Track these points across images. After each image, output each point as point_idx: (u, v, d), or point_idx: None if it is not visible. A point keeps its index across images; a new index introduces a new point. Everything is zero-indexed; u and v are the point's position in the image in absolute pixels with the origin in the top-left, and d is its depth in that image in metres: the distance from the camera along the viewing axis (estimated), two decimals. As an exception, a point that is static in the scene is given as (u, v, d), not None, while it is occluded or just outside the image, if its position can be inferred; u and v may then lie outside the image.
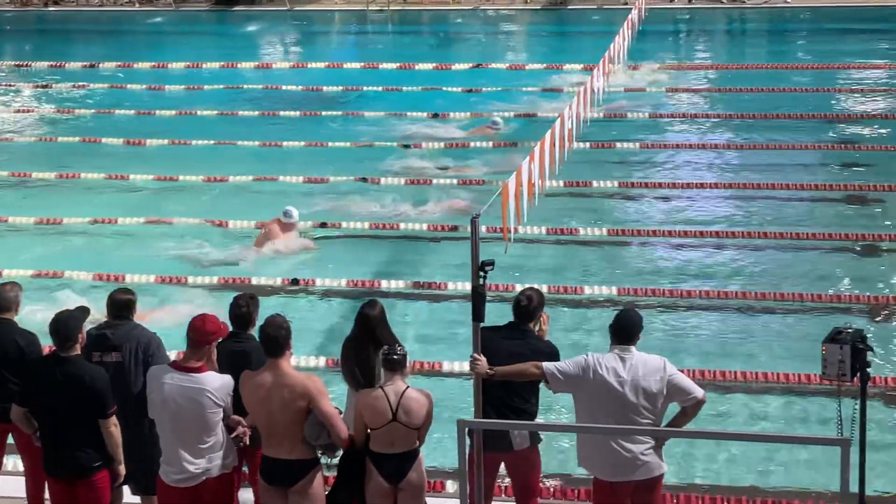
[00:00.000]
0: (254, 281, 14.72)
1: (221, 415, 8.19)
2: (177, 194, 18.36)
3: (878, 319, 13.44)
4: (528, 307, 8.75)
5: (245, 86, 24.83)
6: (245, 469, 8.96)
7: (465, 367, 8.79)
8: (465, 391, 9.02)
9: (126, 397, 8.55)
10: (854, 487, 7.88)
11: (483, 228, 8.30)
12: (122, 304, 8.91)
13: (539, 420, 9.15)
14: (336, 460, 8.52)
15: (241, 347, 8.65)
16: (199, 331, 8.17)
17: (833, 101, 22.08)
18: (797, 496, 10.13)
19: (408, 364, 8.55)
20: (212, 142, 20.84)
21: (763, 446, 10.89)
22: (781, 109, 21.47)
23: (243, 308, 8.81)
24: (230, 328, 8.69)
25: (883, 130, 20.22)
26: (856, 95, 22.42)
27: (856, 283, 14.46)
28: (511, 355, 8.46)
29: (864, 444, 8.13)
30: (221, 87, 24.69)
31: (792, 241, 15.67)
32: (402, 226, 16.60)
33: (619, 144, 19.75)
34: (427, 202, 17.42)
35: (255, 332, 8.68)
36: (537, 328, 8.84)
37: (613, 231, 16.16)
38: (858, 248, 15.52)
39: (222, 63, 26.46)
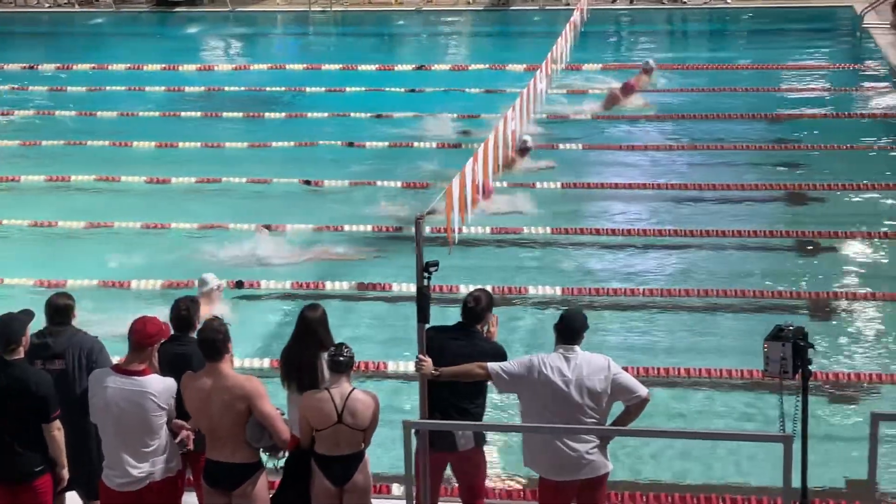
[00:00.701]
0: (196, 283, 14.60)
1: (165, 418, 8.14)
2: (118, 196, 18.20)
3: (818, 316, 13.58)
4: (475, 308, 8.76)
5: (187, 87, 24.67)
6: (189, 473, 8.89)
7: (411, 368, 8.79)
8: (410, 392, 9.00)
9: (70, 403, 8.47)
10: (797, 483, 7.96)
11: (427, 229, 8.30)
12: (61, 309, 8.82)
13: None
14: (281, 462, 8.48)
15: (182, 350, 8.59)
16: (140, 333, 8.12)
17: (774, 101, 22.26)
18: (741, 492, 10.21)
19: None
20: (153, 143, 20.69)
21: (707, 443, 10.96)
22: (723, 109, 21.66)
23: (184, 311, 8.76)
24: (171, 330, 8.63)
25: (822, 129, 20.42)
26: (796, 95, 22.64)
27: (797, 281, 14.61)
28: (457, 356, 8.46)
29: (806, 439, 8.21)
30: (163, 88, 24.51)
31: (734, 239, 15.80)
32: (347, 227, 16.56)
33: (561, 145, 19.81)
34: (372, 203, 17.42)
35: (196, 334, 8.64)
36: (486, 329, 8.85)
37: (557, 230, 16.21)
38: (798, 246, 15.69)
39: (164, 65, 26.26)
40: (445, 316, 9.01)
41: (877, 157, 19.06)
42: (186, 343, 8.68)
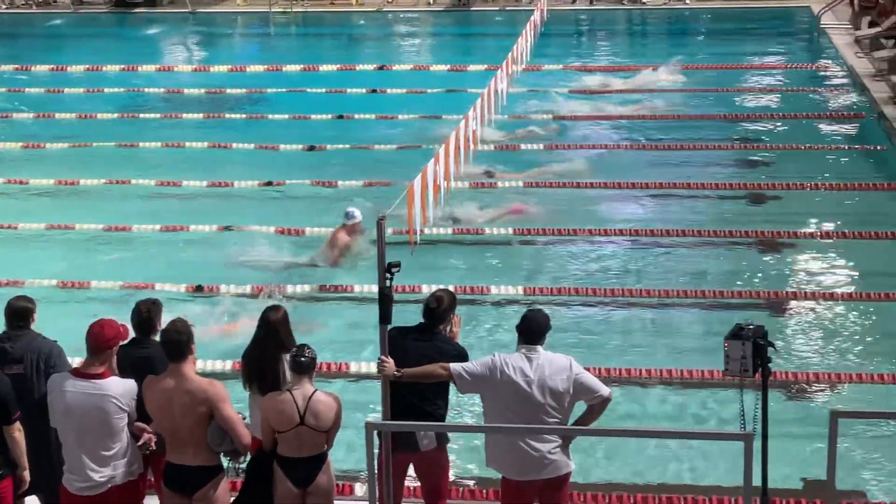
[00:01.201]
0: (157, 286, 14.54)
1: (126, 420, 8.10)
2: (78, 198, 18.09)
3: (777, 315, 13.66)
4: (437, 309, 8.76)
5: (146, 89, 24.54)
6: (150, 475, 8.85)
7: (373, 368, 8.78)
8: (373, 393, 9.00)
9: (29, 408, 8.41)
10: (757, 481, 8.01)
11: (389, 230, 8.30)
12: (20, 313, 8.76)
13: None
14: (243, 466, 8.46)
15: (144, 353, 8.55)
16: (98, 336, 8.07)
17: (733, 101, 22.39)
18: (702, 491, 10.26)
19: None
20: (113, 144, 20.56)
21: (669, 442, 11.01)
22: (682, 109, 21.78)
23: (144, 314, 8.72)
24: (131, 333, 8.59)
25: (781, 129, 20.56)
26: (754, 95, 22.78)
27: (756, 280, 14.70)
28: (419, 357, 8.47)
29: (767, 438, 8.26)
30: (122, 90, 24.37)
31: (694, 238, 15.88)
32: (308, 230, 16.52)
33: (523, 145, 19.85)
34: (334, 204, 17.41)
35: (158, 337, 8.60)
36: (448, 329, 8.86)
37: (519, 231, 16.25)
38: (758, 246, 15.79)
39: (123, 66, 26.11)
40: (407, 317, 8.98)
41: (834, 156, 19.20)
42: (148, 346, 8.64)
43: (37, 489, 8.68)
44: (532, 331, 8.39)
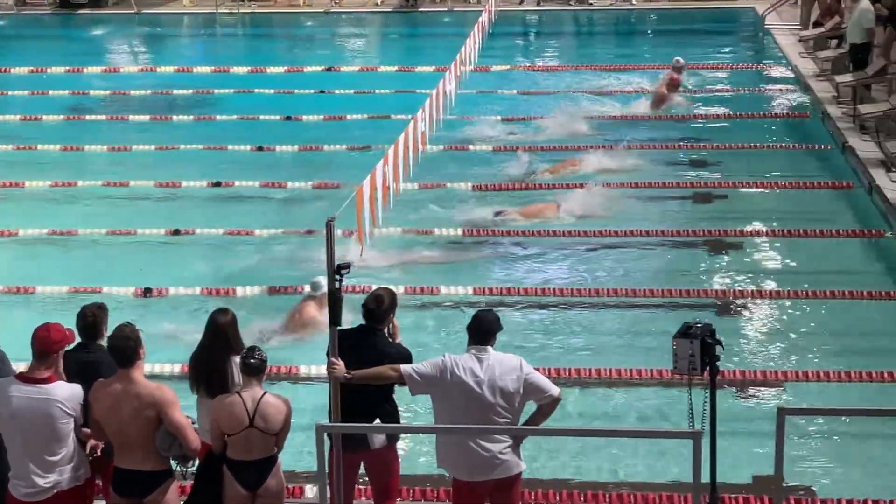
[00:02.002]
0: (105, 290, 14.42)
1: (72, 425, 8.03)
2: (23, 201, 17.91)
3: (725, 314, 13.76)
4: (377, 310, 8.75)
5: (92, 90, 24.34)
6: (99, 480, 8.78)
7: (323, 371, 8.76)
8: (323, 396, 8.98)
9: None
10: (706, 478, 8.08)
11: (339, 231, 8.28)
12: None
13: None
14: (192, 470, 8.41)
15: (90, 358, 8.48)
16: (44, 340, 8.00)
17: (675, 102, 22.52)
18: (652, 489, 10.32)
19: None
20: (58, 147, 20.37)
21: (619, 441, 11.06)
22: (629, 109, 21.90)
23: (90, 318, 8.64)
24: (77, 337, 8.52)
25: (726, 129, 20.72)
26: (700, 95, 22.93)
27: (704, 279, 14.81)
28: (361, 359, 8.44)
29: (715, 435, 8.33)
30: (67, 92, 24.15)
31: (641, 238, 15.97)
32: (257, 231, 16.46)
33: (472, 147, 19.89)
34: (284, 205, 17.38)
35: (104, 341, 8.54)
36: (388, 328, 8.85)
37: (468, 231, 16.27)
38: (704, 245, 15.89)
39: (68, 67, 25.86)
40: (360, 318, 8.97)
41: (779, 156, 19.37)
42: (94, 351, 8.57)
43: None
44: (482, 331, 8.40)
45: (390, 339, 8.83)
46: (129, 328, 8.11)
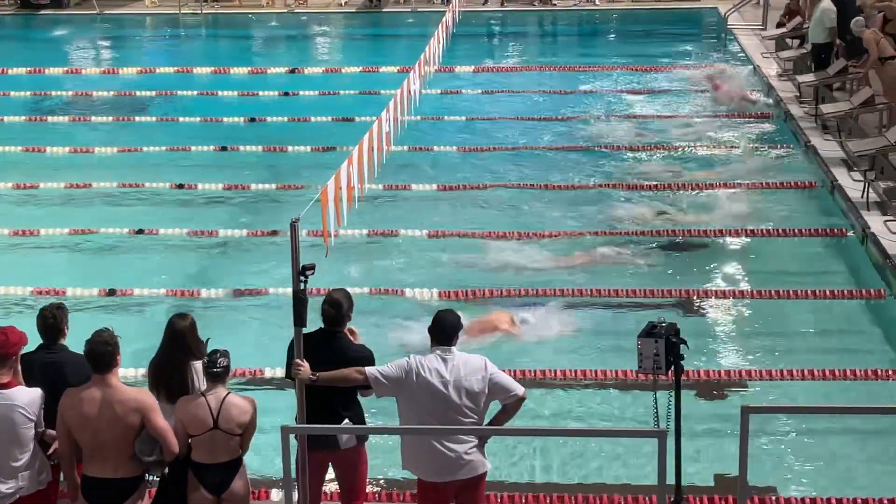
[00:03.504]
0: (69, 292, 14.34)
1: (34, 430, 7.97)
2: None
3: (689, 314, 13.81)
4: (336, 315, 8.73)
5: (54, 92, 24.18)
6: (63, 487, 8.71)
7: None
8: (288, 397, 8.95)
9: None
10: (671, 478, 8.11)
11: (303, 232, 8.26)
12: None
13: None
14: (157, 475, 8.37)
15: (52, 359, 8.42)
16: (3, 344, 7.92)
17: (641, 102, 22.59)
18: (618, 489, 10.35)
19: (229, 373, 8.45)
20: (20, 148, 20.23)
21: (583, 441, 11.09)
22: (594, 110, 21.97)
23: (51, 319, 8.58)
24: (41, 340, 8.45)
25: (689, 129, 20.79)
26: (662, 96, 23.01)
27: (667, 279, 14.86)
28: (325, 362, 8.42)
29: (680, 435, 8.36)
30: (29, 93, 23.99)
31: (605, 238, 15.98)
32: (221, 232, 16.40)
33: (436, 147, 19.89)
34: (247, 207, 17.32)
35: (65, 341, 8.49)
36: (347, 328, 8.84)
37: (433, 233, 16.26)
38: (669, 245, 15.93)
39: (29, 68, 25.68)
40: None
41: (742, 156, 19.46)
42: (56, 351, 8.51)
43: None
44: (445, 331, 8.40)
45: (352, 340, 8.82)
46: (108, 333, 8.05)
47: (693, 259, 15.55)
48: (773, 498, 10.18)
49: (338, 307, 8.72)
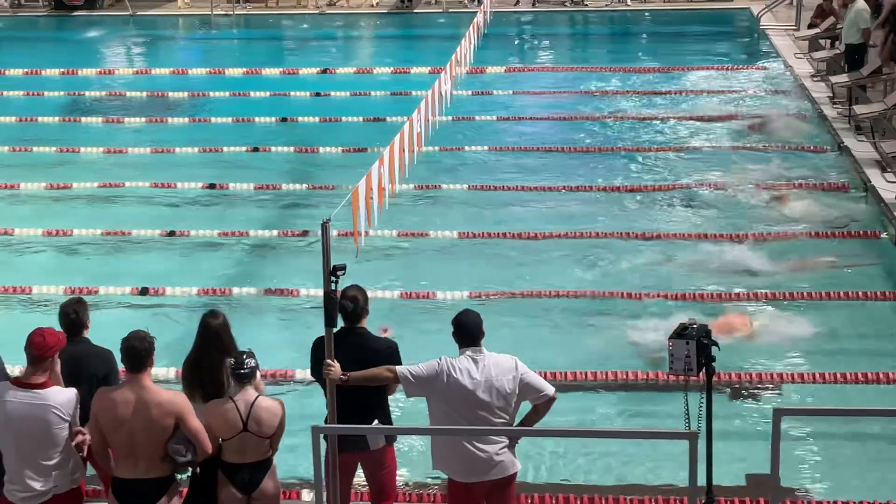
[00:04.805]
0: (101, 291, 14.43)
1: (68, 430, 8.01)
2: (19, 202, 17.90)
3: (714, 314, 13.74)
4: (354, 310, 8.72)
5: (87, 92, 24.33)
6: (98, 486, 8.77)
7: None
8: (318, 398, 8.97)
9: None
10: (702, 480, 8.08)
11: (334, 233, 8.28)
12: None
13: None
14: (187, 475, 8.40)
15: (74, 351, 8.48)
16: (40, 346, 7.96)
17: (673, 103, 22.51)
18: (649, 491, 10.32)
19: (258, 374, 8.47)
20: (54, 149, 20.37)
21: (615, 443, 11.06)
22: (625, 111, 21.91)
23: (72, 315, 8.69)
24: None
25: (721, 130, 20.71)
26: (694, 97, 22.92)
27: (699, 280, 14.79)
28: (352, 359, 8.42)
29: (711, 437, 8.33)
30: (63, 93, 24.14)
31: (639, 241, 15.93)
32: (253, 233, 16.46)
33: (467, 148, 19.89)
34: (278, 207, 17.37)
35: (87, 334, 8.65)
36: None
37: (464, 234, 16.26)
38: (701, 246, 15.85)
39: (63, 69, 25.85)
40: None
41: (774, 156, 19.34)
42: (78, 343, 8.59)
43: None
44: (471, 332, 8.39)
45: (373, 334, 8.83)
46: (144, 332, 8.10)
47: (724, 260, 15.43)
48: (806, 501, 10.13)
49: (355, 302, 8.72)
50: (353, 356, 8.46)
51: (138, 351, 7.96)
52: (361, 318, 8.77)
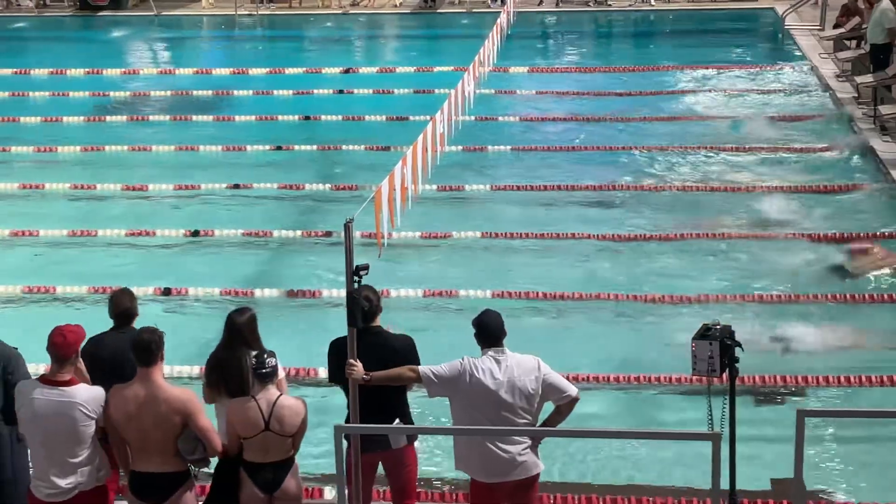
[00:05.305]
0: (126, 290, 14.46)
1: (93, 427, 8.06)
2: (43, 202, 17.98)
3: (742, 316, 13.69)
4: (369, 309, 8.72)
5: (112, 92, 24.43)
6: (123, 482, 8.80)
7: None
8: (340, 397, 8.98)
9: (-17, 411, 8.44)
10: (725, 483, 8.04)
11: (357, 233, 8.29)
12: None
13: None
14: (206, 470, 8.42)
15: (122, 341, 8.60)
16: (62, 345, 8.02)
17: (697, 103, 22.44)
18: (671, 493, 10.29)
19: (280, 372, 8.48)
20: (78, 149, 20.46)
21: (637, 444, 11.03)
22: (648, 111, 21.86)
23: (128, 303, 8.90)
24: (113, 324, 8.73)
25: (746, 130, 20.63)
26: (719, 96, 22.85)
27: (722, 281, 14.74)
28: (373, 357, 8.43)
29: (734, 438, 8.30)
30: (87, 93, 24.25)
31: (664, 243, 15.89)
32: (276, 233, 16.49)
33: (490, 148, 19.88)
34: (301, 207, 17.41)
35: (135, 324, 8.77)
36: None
37: (486, 234, 16.25)
38: (723, 246, 15.80)
39: (88, 69, 25.95)
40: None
41: (799, 157, 19.27)
42: (127, 332, 8.72)
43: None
44: (493, 332, 8.38)
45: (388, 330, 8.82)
46: (152, 327, 8.19)
47: (747, 261, 15.38)
48: (830, 502, 10.08)
49: (370, 302, 8.72)
50: (373, 355, 8.47)
51: (147, 344, 8.01)
52: (376, 316, 8.78)
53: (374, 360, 8.41)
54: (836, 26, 25.44)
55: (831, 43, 25.17)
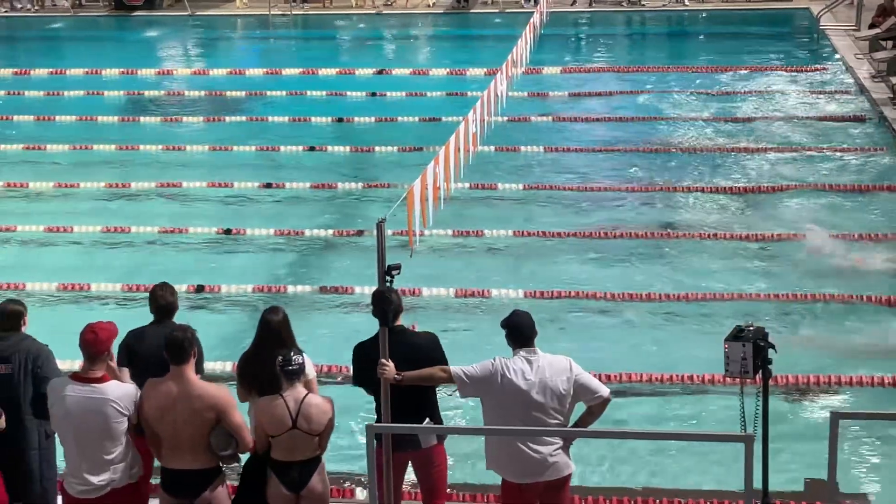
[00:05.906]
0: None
1: (126, 424, 8.09)
2: (78, 201, 18.09)
3: (777, 318, 13.63)
4: (389, 310, 8.71)
5: (146, 91, 24.56)
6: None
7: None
8: (368, 396, 8.98)
9: (14, 409, 8.51)
10: (758, 484, 8.01)
11: (389, 232, 8.29)
12: (10, 315, 8.81)
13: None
14: (236, 467, 8.45)
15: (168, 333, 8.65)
16: (93, 343, 8.06)
17: (732, 103, 22.36)
18: (704, 494, 10.24)
19: (311, 372, 8.49)
20: (113, 147, 20.58)
21: (669, 445, 10.99)
22: (681, 112, 21.77)
23: (171, 296, 8.99)
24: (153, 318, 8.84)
25: (780, 131, 20.53)
26: (753, 97, 22.75)
27: (758, 282, 14.68)
28: (400, 356, 8.43)
29: (767, 440, 8.26)
30: (122, 93, 24.39)
31: (693, 241, 15.83)
32: (308, 232, 16.53)
33: (523, 148, 19.87)
34: (333, 206, 17.45)
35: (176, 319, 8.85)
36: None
37: (519, 233, 16.24)
38: (758, 248, 15.73)
39: (123, 69, 26.10)
40: (408, 319, 8.96)
41: (835, 158, 19.15)
42: (166, 326, 8.75)
43: (17, 496, 8.73)
44: (524, 333, 8.36)
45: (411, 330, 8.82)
46: (185, 325, 8.24)
47: (781, 263, 15.30)
48: (863, 505, 10.03)
49: (389, 304, 8.71)
50: (399, 354, 8.47)
51: (180, 342, 8.03)
52: (398, 315, 8.79)
53: (399, 359, 8.41)
54: (871, 26, 25.27)
55: (867, 43, 25.00)
